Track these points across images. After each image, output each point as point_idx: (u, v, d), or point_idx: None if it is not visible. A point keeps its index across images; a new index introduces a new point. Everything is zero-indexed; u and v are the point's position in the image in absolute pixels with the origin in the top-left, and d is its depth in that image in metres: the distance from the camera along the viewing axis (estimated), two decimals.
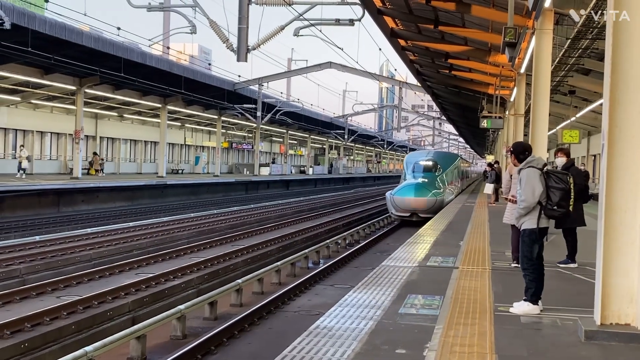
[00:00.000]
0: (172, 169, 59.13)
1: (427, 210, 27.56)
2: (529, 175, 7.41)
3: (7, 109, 41.23)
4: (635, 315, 6.26)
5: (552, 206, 7.37)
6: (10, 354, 9.33)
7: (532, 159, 7.67)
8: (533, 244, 7.43)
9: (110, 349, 9.05)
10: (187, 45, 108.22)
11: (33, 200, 29.80)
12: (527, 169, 7.49)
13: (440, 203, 28.23)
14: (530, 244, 7.44)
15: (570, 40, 19.36)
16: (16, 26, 24.38)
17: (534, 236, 7.43)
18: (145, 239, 20.98)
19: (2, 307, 11.97)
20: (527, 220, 7.46)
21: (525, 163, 7.62)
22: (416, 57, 34.74)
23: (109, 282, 14.20)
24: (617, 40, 6.23)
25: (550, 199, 7.36)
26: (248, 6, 25.01)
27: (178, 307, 10.98)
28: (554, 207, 7.36)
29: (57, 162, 47.31)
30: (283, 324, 11.73)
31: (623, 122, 6.23)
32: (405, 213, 28.84)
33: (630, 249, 6.24)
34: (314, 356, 5.66)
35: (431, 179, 30.61)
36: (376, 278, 9.39)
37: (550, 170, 7.51)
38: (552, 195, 7.36)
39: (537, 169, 7.44)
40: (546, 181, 7.38)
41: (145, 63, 34.85)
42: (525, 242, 7.50)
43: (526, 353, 5.91)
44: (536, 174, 7.39)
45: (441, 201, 28.60)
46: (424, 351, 5.84)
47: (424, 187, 29.11)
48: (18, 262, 15.76)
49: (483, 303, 7.85)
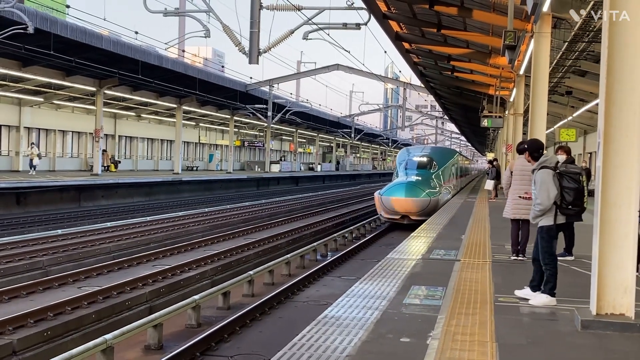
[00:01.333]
0: (187, 166, 59.23)
1: (420, 213, 23.93)
2: (544, 178, 7.35)
3: (30, 109, 41.38)
4: (629, 306, 6.25)
5: (567, 205, 7.35)
6: (34, 342, 9.36)
7: (545, 158, 7.61)
8: (552, 239, 7.43)
9: (129, 336, 9.07)
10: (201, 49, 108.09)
11: (55, 196, 29.89)
12: (540, 171, 7.44)
13: (434, 204, 24.54)
14: (549, 240, 7.43)
15: (567, 43, 19.30)
16: (39, 30, 24.47)
17: (552, 232, 7.43)
18: (162, 233, 21.01)
19: (26, 297, 12.02)
20: (544, 218, 7.44)
21: (539, 164, 7.56)
22: (420, 59, 34.67)
23: (127, 274, 14.23)
24: (613, 44, 6.21)
25: (565, 199, 7.34)
26: (259, 11, 24.98)
27: (193, 297, 11.00)
28: (569, 207, 7.35)
29: (77, 160, 47.46)
30: (293, 313, 11.74)
31: (618, 122, 6.22)
32: (395, 216, 24.80)
33: (624, 242, 6.23)
34: (322, 344, 5.67)
35: (425, 177, 26.48)
36: (381, 270, 9.39)
37: (563, 171, 7.45)
38: (566, 195, 7.33)
39: (551, 169, 7.40)
40: (560, 182, 7.35)
41: (161, 65, 34.90)
42: (544, 239, 7.47)
43: (525, 342, 5.90)
44: (550, 176, 7.35)
45: (436, 202, 24.80)
46: (428, 340, 5.84)
47: (417, 186, 25.09)
48: (41, 254, 15.82)
49: (484, 294, 7.84)
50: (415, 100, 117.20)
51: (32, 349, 9.22)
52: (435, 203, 24.55)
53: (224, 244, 19.34)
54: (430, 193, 24.80)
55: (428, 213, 22.87)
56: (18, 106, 40.47)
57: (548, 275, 7.39)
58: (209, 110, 52.00)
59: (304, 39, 28.01)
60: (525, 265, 10.16)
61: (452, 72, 35.09)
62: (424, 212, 23.68)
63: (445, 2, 21.75)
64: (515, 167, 10.76)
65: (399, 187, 25.04)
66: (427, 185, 25.48)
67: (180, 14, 33.11)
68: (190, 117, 55.40)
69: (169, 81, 37.36)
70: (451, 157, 32.88)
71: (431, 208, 23.86)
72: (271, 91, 51.62)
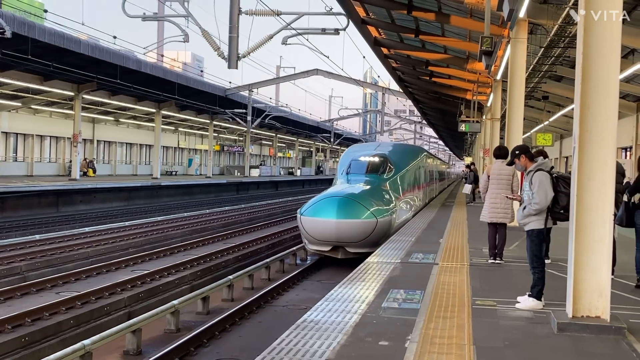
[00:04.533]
0: (167, 170, 58.99)
1: (363, 242, 15.84)
2: (541, 180, 7.38)
3: (8, 114, 41.09)
4: (605, 308, 6.30)
5: (559, 209, 7.37)
6: (12, 348, 9.28)
7: (542, 162, 7.64)
8: (541, 243, 7.46)
9: (107, 342, 9.02)
10: (180, 53, 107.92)
11: (33, 201, 29.65)
12: (538, 172, 7.47)
13: (385, 227, 16.33)
14: (538, 243, 7.47)
15: (543, 48, 19.43)
16: (17, 35, 24.27)
17: (541, 236, 7.46)
18: (141, 238, 20.91)
19: (3, 302, 11.91)
20: (534, 221, 7.47)
21: (536, 166, 7.60)
22: (398, 64, 34.81)
23: (105, 279, 14.15)
24: (588, 50, 6.27)
25: (558, 203, 7.36)
26: (238, 16, 24.96)
27: (172, 302, 10.96)
28: (561, 211, 7.37)
29: (56, 165, 47.13)
30: (272, 317, 11.73)
31: (593, 127, 6.27)
32: (323, 247, 16.39)
33: (599, 246, 6.28)
34: (302, 348, 5.66)
35: (373, 187, 17.89)
36: (361, 274, 9.41)
37: (559, 175, 7.48)
38: (559, 199, 7.35)
39: (547, 172, 7.45)
40: (554, 186, 7.38)
41: (140, 70, 34.77)
42: (534, 242, 7.50)
43: (502, 344, 5.93)
44: (547, 178, 7.38)
45: (387, 224, 16.51)
46: (406, 343, 5.86)
47: (356, 202, 16.25)
48: (19, 259, 15.69)
49: (461, 297, 7.87)
50: (394, 105, 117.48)
51: (10, 354, 9.14)
52: (386, 226, 16.48)
53: (204, 248, 19.29)
54: (379, 211, 16.26)
55: (375, 242, 15.45)
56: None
57: (536, 279, 7.42)
58: (188, 115, 51.84)
59: (283, 44, 28.02)
60: (503, 268, 10.23)
61: (430, 77, 35.26)
62: (369, 240, 15.79)
63: (422, 8, 21.86)
64: (493, 172, 10.82)
65: (328, 204, 16.20)
66: (373, 198, 16.93)
67: (159, 18, 33.01)
68: (169, 122, 55.17)
69: (147, 86, 37.21)
70: (415, 158, 23.82)
71: (380, 234, 15.97)
72: (250, 96, 51.55)
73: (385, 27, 26.42)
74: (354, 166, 19.44)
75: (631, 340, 6.07)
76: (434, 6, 21.51)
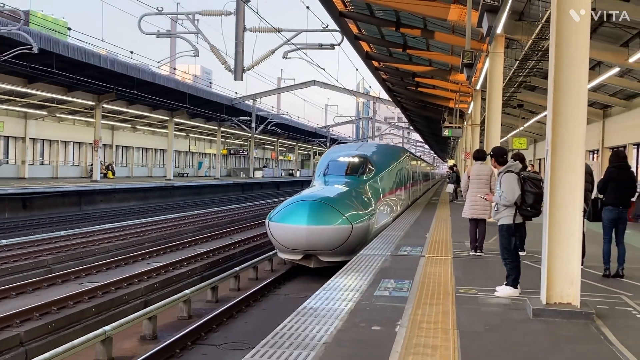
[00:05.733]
0: (179, 172, 58.95)
1: (338, 250, 13.24)
2: (509, 180, 7.38)
3: (35, 122, 41.06)
4: (575, 296, 6.31)
5: (526, 207, 7.36)
6: (40, 333, 9.28)
7: (511, 164, 7.65)
8: (510, 237, 7.44)
9: (126, 328, 9.02)
10: (190, 67, 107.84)
11: (58, 201, 29.62)
12: (507, 174, 7.46)
13: (362, 233, 13.57)
14: (508, 237, 7.45)
15: (518, 61, 19.43)
16: (43, 50, 24.27)
17: (510, 230, 7.44)
18: (156, 233, 20.89)
19: (32, 292, 11.91)
20: (504, 217, 7.47)
21: (505, 168, 7.60)
22: (388, 76, 34.83)
23: (124, 271, 14.13)
24: (559, 62, 6.28)
25: (525, 201, 7.35)
26: (243, 33, 24.96)
27: (184, 292, 10.95)
28: (528, 208, 7.37)
29: (78, 167, 47.10)
30: (275, 305, 11.71)
31: (564, 131, 6.27)
32: (294, 255, 13.73)
33: (570, 239, 6.28)
34: (302, 333, 5.65)
35: (350, 189, 14.97)
36: (355, 265, 9.39)
37: (526, 176, 7.45)
38: (526, 197, 7.33)
39: (515, 174, 7.44)
40: (522, 185, 7.37)
41: (154, 82, 34.75)
42: (503, 236, 7.49)
43: (482, 328, 5.92)
44: (515, 179, 7.37)
45: (364, 230, 13.71)
46: (396, 327, 5.85)
47: (330, 205, 13.36)
48: (45, 253, 15.67)
49: (446, 286, 7.86)
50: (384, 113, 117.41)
51: (38, 340, 9.13)
52: (363, 232, 13.62)
53: (212, 243, 19.28)
54: (355, 216, 13.43)
55: (350, 250, 13.03)
56: (24, 119, 40.11)
57: (509, 269, 7.41)
58: (198, 122, 51.82)
59: (284, 58, 28.03)
60: (483, 260, 10.23)
61: (417, 88, 35.29)
62: (343, 248, 13.18)
63: (409, 25, 21.89)
64: (473, 172, 10.82)
65: (298, 208, 13.33)
66: (350, 201, 14.06)
67: (171, 35, 32.97)
68: (181, 129, 55.15)
69: (161, 96, 37.20)
70: (397, 158, 20.47)
71: (356, 241, 13.27)
72: (254, 105, 51.52)
73: (375, 42, 26.46)
74: (332, 167, 16.59)
75: (599, 324, 6.07)
76: (419, 23, 21.55)
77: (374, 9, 21.30)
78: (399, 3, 18.54)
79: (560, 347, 5.35)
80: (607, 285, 8.12)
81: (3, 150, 39.96)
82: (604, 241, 8.69)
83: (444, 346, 5.26)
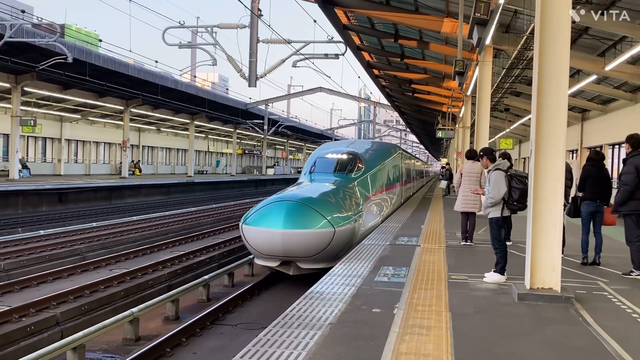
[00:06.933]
0: (198, 170, 59.01)
1: (319, 257, 10.86)
2: (496, 178, 7.36)
3: (70, 124, 41.19)
4: (556, 281, 6.29)
5: (513, 202, 7.34)
6: (74, 314, 9.31)
7: (499, 162, 7.62)
8: (499, 228, 7.43)
9: (151, 310, 9.05)
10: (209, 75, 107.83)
11: (90, 195, 29.73)
12: (495, 172, 7.45)
13: (346, 237, 11.14)
14: (497, 229, 7.44)
15: (505, 69, 19.38)
16: (77, 60, 24.34)
17: (499, 223, 7.44)
18: (178, 225, 20.93)
19: (67, 278, 11.96)
20: (493, 211, 7.45)
21: (494, 166, 7.58)
22: (387, 83, 34.80)
23: (149, 258, 14.17)
24: (542, 71, 6.26)
25: (512, 196, 7.33)
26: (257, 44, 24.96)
27: (203, 277, 10.98)
28: (514, 203, 7.35)
29: (108, 165, 47.21)
30: (285, 289, 11.70)
31: (546, 133, 6.25)
32: (271, 262, 11.27)
33: (552, 230, 6.26)
34: (309, 314, 5.66)
35: (338, 187, 12.56)
36: (357, 254, 9.39)
37: (513, 174, 7.41)
38: (513, 193, 7.31)
39: (503, 171, 7.41)
40: (509, 182, 7.35)
41: (177, 88, 34.81)
42: (493, 228, 7.48)
43: (472, 311, 5.91)
44: (502, 176, 7.35)
45: (349, 233, 11.28)
46: (394, 310, 5.84)
47: (309, 207, 10.93)
48: (79, 242, 15.73)
49: (439, 273, 7.85)
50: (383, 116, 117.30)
51: (72, 320, 9.17)
52: (347, 236, 11.18)
53: (229, 233, 19.28)
54: (338, 219, 10.99)
55: (333, 256, 10.83)
56: (60, 122, 40.25)
57: (498, 258, 7.40)
58: (216, 125, 51.86)
59: (293, 67, 27.99)
60: (473, 249, 10.21)
61: (413, 93, 35.26)
62: (325, 254, 10.80)
63: (407, 37, 21.86)
64: (464, 170, 10.80)
65: (274, 210, 10.86)
66: (334, 202, 11.61)
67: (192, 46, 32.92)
68: (200, 130, 55.21)
69: (183, 101, 37.25)
70: (389, 155, 17.63)
71: (339, 246, 10.92)
72: (267, 109, 51.51)
73: (376, 52, 26.44)
74: (320, 164, 14.13)
75: (578, 307, 6.06)
76: (416, 35, 21.50)
77: (374, 22, 21.28)
78: (397, 17, 18.52)
79: (543, 328, 5.33)
80: (585, 272, 8.10)
81: (41, 150, 40.11)
82: (583, 232, 8.66)
83: (438, 327, 5.26)
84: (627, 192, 7.61)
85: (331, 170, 13.78)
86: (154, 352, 7.55)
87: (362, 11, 19.00)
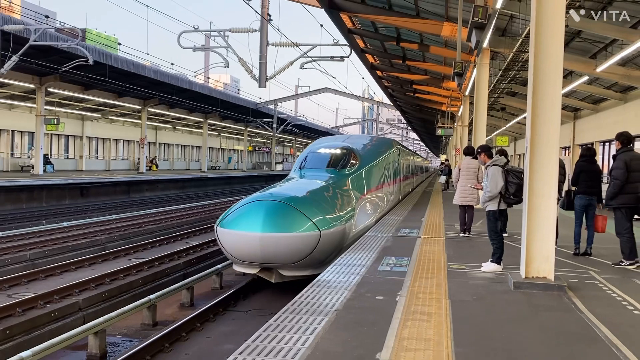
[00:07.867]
0: (212, 166, 59.07)
1: (302, 263, 8.99)
2: (494, 173, 7.35)
3: (91, 123, 41.29)
4: (550, 271, 6.29)
5: (509, 196, 7.33)
6: (95, 301, 9.36)
7: (496, 159, 7.62)
8: (496, 221, 7.42)
9: (168, 297, 9.08)
10: (222, 76, 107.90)
11: (110, 189, 29.81)
12: (492, 167, 7.44)
13: (334, 241, 9.32)
14: (494, 221, 7.42)
15: (502, 71, 19.32)
16: (97, 62, 24.40)
17: (496, 215, 7.43)
18: (193, 217, 20.98)
19: (88, 267, 12.01)
20: (490, 204, 7.45)
21: (492, 162, 7.57)
22: (389, 83, 34.72)
23: (166, 249, 14.22)
24: (537, 72, 6.24)
25: (508, 190, 7.32)
26: (267, 47, 24.96)
27: (217, 266, 11.00)
28: (510, 197, 7.34)
29: (127, 161, 47.31)
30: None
31: (541, 131, 6.24)
32: (249, 268, 9.39)
33: (546, 223, 6.26)
34: (317, 301, 5.67)
35: (328, 185, 10.76)
36: (361, 244, 9.39)
37: (509, 169, 7.41)
38: (509, 187, 7.30)
39: (500, 167, 7.40)
40: (506, 177, 7.33)
41: (191, 89, 34.82)
42: (490, 220, 7.47)
43: (470, 298, 5.92)
44: (499, 171, 7.34)
45: (337, 236, 9.42)
46: (397, 297, 5.85)
47: (292, 207, 8.94)
48: (100, 234, 15.80)
49: (439, 262, 7.85)
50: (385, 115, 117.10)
51: (93, 306, 9.22)
52: (336, 239, 9.46)
53: None
54: (324, 221, 9.19)
55: (320, 261, 9.19)
56: (81, 120, 40.37)
57: (495, 248, 7.39)
58: (228, 123, 51.87)
59: (301, 68, 27.98)
60: (471, 240, 10.20)
61: (414, 93, 35.17)
62: (309, 261, 9.05)
63: (408, 40, 21.79)
64: (463, 166, 10.79)
65: (252, 211, 9.00)
66: (321, 201, 9.82)
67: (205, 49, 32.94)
68: (213, 129, 55.24)
69: (197, 101, 37.27)
70: (386, 150, 15.74)
71: (326, 250, 9.20)
72: (275, 108, 51.50)
73: (379, 55, 26.36)
74: (311, 159, 12.33)
75: (570, 295, 6.05)
76: (417, 39, 21.44)
77: (378, 26, 21.22)
78: (399, 21, 18.47)
79: (537, 314, 5.33)
80: (577, 262, 8.08)
81: (64, 146, 40.24)
82: (575, 224, 8.64)
83: (438, 313, 5.26)
84: (618, 185, 7.59)
85: (323, 166, 11.96)
86: (171, 336, 7.58)
87: (366, 16, 18.97)
